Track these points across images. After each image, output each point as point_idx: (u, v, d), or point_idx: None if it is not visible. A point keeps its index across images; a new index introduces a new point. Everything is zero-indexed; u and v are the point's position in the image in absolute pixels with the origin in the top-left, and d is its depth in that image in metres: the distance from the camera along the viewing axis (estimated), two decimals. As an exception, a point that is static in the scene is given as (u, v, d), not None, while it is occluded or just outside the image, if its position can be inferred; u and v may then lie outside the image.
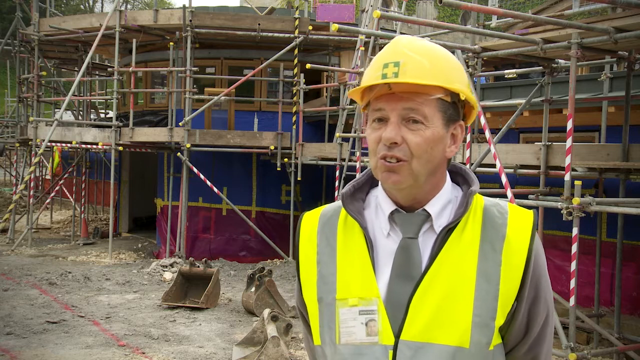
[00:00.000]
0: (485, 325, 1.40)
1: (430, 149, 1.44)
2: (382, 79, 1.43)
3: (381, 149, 1.45)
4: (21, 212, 17.11)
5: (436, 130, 1.44)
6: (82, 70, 13.65)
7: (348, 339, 1.46)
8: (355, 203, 1.55)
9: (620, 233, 7.12)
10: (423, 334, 1.40)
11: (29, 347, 7.01)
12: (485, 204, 1.51)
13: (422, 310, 1.41)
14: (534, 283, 1.46)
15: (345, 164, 11.05)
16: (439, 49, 1.49)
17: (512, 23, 9.97)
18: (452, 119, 1.48)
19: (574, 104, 6.01)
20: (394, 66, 1.43)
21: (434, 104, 1.44)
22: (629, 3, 5.24)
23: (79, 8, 46.82)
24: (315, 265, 1.54)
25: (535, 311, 1.48)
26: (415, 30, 22.88)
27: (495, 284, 1.42)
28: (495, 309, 1.41)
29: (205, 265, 9.40)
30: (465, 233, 1.46)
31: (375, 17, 6.21)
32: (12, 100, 22.01)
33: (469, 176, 1.54)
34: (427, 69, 1.43)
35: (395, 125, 1.43)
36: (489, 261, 1.43)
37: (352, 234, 1.52)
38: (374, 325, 1.43)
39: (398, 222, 1.49)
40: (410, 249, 1.46)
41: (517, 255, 1.43)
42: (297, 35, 12.79)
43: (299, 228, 1.62)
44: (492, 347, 1.42)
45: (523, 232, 1.46)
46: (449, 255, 1.44)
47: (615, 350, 6.60)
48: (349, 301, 1.46)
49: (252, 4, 15.62)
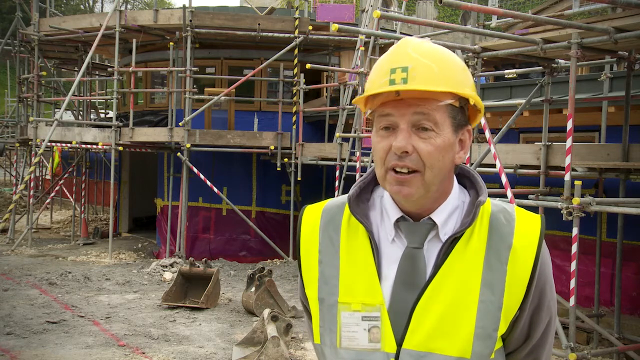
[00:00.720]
0: (487, 336, 1.39)
1: (442, 157, 1.40)
2: (389, 85, 1.38)
3: (391, 158, 1.40)
4: (21, 212, 17.10)
5: (447, 137, 1.41)
6: (82, 70, 13.65)
7: (349, 344, 1.44)
8: (361, 205, 1.52)
9: (620, 233, 7.12)
10: (425, 343, 1.39)
11: (29, 347, 7.01)
12: (492, 210, 1.47)
13: (425, 319, 1.40)
14: (538, 291, 1.44)
15: (345, 164, 11.06)
16: (446, 52, 1.45)
17: (512, 23, 9.97)
18: (461, 125, 1.45)
19: (574, 104, 6.01)
20: (402, 71, 1.38)
21: (443, 110, 1.40)
22: (629, 3, 5.24)
23: (79, 8, 46.83)
24: (317, 264, 1.52)
25: (537, 317, 1.46)
26: (415, 30, 22.87)
27: (499, 295, 1.40)
28: (498, 320, 1.39)
29: (205, 265, 9.39)
30: (471, 242, 1.43)
31: (375, 17, 6.21)
32: (12, 100, 22.01)
33: (477, 181, 1.50)
34: (436, 74, 1.38)
35: (405, 133, 1.39)
36: (494, 272, 1.40)
37: (356, 236, 1.50)
38: (377, 332, 1.42)
39: (404, 230, 1.46)
40: (415, 257, 1.44)
41: (523, 266, 1.41)
42: (297, 35, 12.80)
43: (300, 222, 1.58)
44: (493, 355, 1.41)
45: (530, 242, 1.42)
46: (454, 265, 1.42)
47: (615, 350, 6.60)
48: (352, 306, 1.44)
49: (252, 4, 15.62)
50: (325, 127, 13.00)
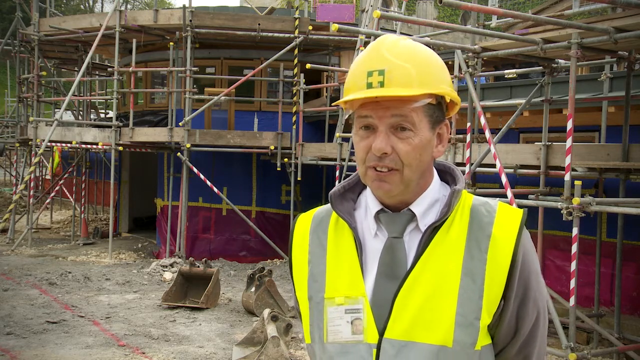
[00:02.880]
0: (469, 324, 1.40)
1: (420, 156, 1.44)
2: (367, 88, 1.42)
3: (371, 158, 1.44)
4: (21, 212, 17.10)
5: (424, 136, 1.44)
6: (82, 70, 13.66)
7: (335, 338, 1.47)
8: (345, 203, 1.55)
9: (620, 233, 7.12)
10: (407, 332, 1.41)
11: (29, 347, 7.01)
12: (474, 203, 1.50)
13: (406, 309, 1.41)
14: (522, 282, 1.45)
15: (345, 164, 11.05)
16: (422, 50, 1.47)
17: (512, 23, 9.97)
18: (438, 121, 1.48)
19: (574, 104, 6.01)
20: (378, 75, 1.41)
21: (420, 110, 1.43)
22: (629, 3, 5.24)
23: (79, 8, 46.83)
24: (306, 264, 1.56)
25: (524, 311, 1.47)
26: (415, 30, 22.87)
27: (480, 283, 1.41)
28: (480, 309, 1.40)
29: (205, 265, 9.40)
30: (451, 232, 1.45)
31: (375, 17, 6.21)
32: (12, 100, 22.01)
33: (456, 174, 1.54)
34: (412, 76, 1.41)
35: (384, 134, 1.42)
36: (475, 260, 1.42)
37: (342, 234, 1.53)
38: (360, 323, 1.44)
39: (383, 221, 1.49)
40: (395, 248, 1.47)
41: (503, 254, 1.42)
42: (297, 35, 12.80)
43: (293, 229, 1.64)
44: (478, 347, 1.41)
45: (510, 231, 1.44)
46: (434, 254, 1.44)
47: (615, 350, 6.60)
48: (336, 300, 1.47)
49: (252, 4, 15.61)
50: (325, 127, 13.00)
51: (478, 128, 8.41)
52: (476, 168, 7.29)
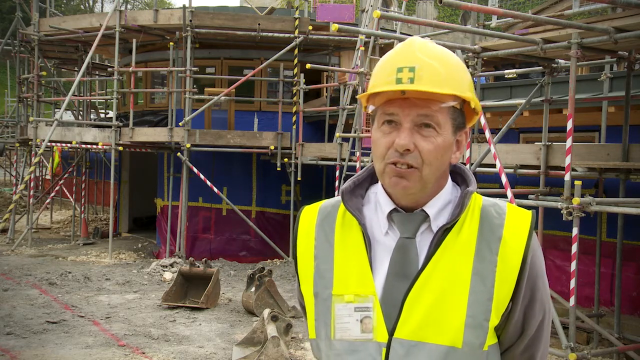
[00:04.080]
0: (478, 326, 1.41)
1: (441, 156, 1.45)
2: (396, 84, 1.41)
3: (392, 155, 1.44)
4: (21, 212, 17.10)
5: (446, 137, 1.45)
6: (82, 70, 13.65)
7: (343, 335, 1.47)
8: (354, 199, 1.55)
9: (620, 233, 7.12)
10: (416, 332, 1.41)
11: (29, 347, 7.01)
12: (484, 204, 1.51)
13: (416, 309, 1.42)
14: (530, 284, 1.46)
15: (345, 164, 11.05)
16: (449, 53, 1.48)
17: (512, 23, 9.97)
18: (460, 126, 1.49)
19: (574, 104, 6.01)
20: (409, 71, 1.41)
21: (446, 111, 1.44)
22: (629, 3, 5.24)
23: (79, 8, 46.83)
24: (312, 259, 1.55)
25: (531, 312, 1.48)
26: (415, 30, 22.86)
27: (490, 285, 1.42)
28: (489, 310, 1.41)
29: (205, 265, 9.39)
30: (462, 233, 1.46)
31: (375, 17, 6.21)
32: (12, 100, 22.01)
33: (468, 176, 1.54)
34: (442, 75, 1.42)
35: (408, 131, 1.42)
36: (485, 262, 1.43)
37: (350, 230, 1.53)
38: (369, 322, 1.44)
39: (396, 221, 1.49)
40: (407, 248, 1.47)
41: (513, 256, 1.43)
42: (297, 35, 12.80)
43: (298, 222, 1.62)
44: (486, 347, 1.42)
45: (520, 234, 1.45)
46: (445, 255, 1.44)
47: (615, 350, 6.60)
48: (345, 297, 1.47)
49: (252, 4, 15.62)
50: (325, 127, 12.99)
51: (478, 128, 8.42)
52: (476, 168, 7.29)
